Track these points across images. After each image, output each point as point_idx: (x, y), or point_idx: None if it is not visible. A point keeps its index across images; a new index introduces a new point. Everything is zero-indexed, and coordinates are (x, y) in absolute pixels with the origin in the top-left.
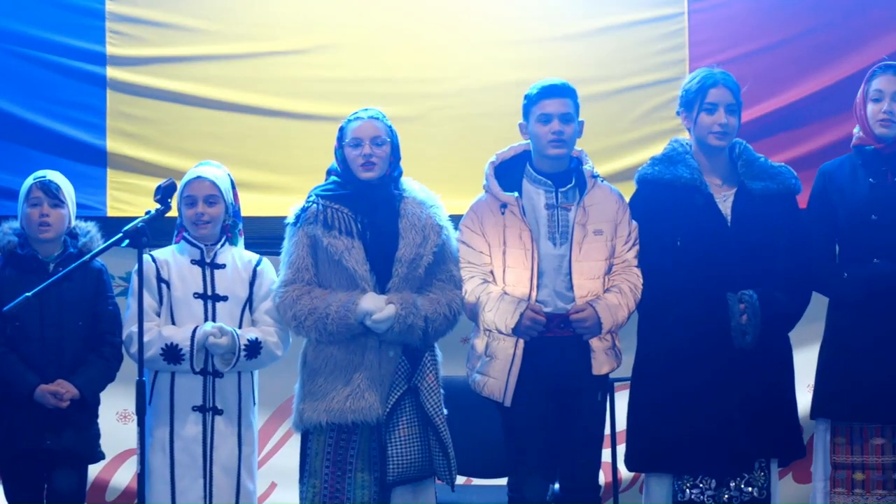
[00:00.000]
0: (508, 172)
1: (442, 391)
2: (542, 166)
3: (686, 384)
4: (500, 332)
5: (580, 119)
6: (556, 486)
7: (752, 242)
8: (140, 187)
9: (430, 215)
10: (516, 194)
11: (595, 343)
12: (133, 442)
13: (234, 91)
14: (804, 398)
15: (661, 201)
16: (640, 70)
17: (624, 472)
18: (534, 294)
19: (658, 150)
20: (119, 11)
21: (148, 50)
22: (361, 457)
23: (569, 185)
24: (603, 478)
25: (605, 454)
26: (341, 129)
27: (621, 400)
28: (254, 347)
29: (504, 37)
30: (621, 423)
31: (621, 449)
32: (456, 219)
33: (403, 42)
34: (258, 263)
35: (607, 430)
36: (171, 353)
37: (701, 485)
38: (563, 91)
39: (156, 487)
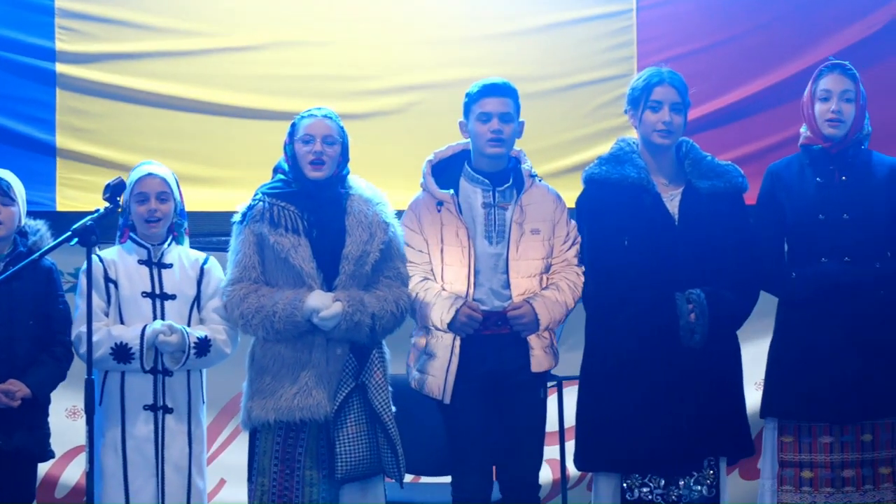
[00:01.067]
0: (447, 171)
1: (390, 388)
2: (480, 165)
3: (634, 383)
4: (438, 329)
5: (521, 119)
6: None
7: (699, 241)
8: (89, 183)
9: (376, 213)
10: (452, 192)
11: (533, 340)
12: (83, 439)
13: (184, 87)
14: (753, 396)
15: (609, 201)
16: (588, 67)
17: (572, 470)
18: (471, 292)
19: (605, 147)
20: (69, 7)
21: (98, 46)
22: (310, 455)
23: (506, 185)
24: (551, 475)
25: (555, 451)
26: (293, 125)
27: (571, 397)
28: (203, 345)
29: (452, 34)
30: (570, 420)
31: (570, 446)
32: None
33: (350, 39)
34: (205, 262)
35: (555, 428)
36: (121, 352)
37: (650, 483)
38: (503, 90)
39: (109, 488)
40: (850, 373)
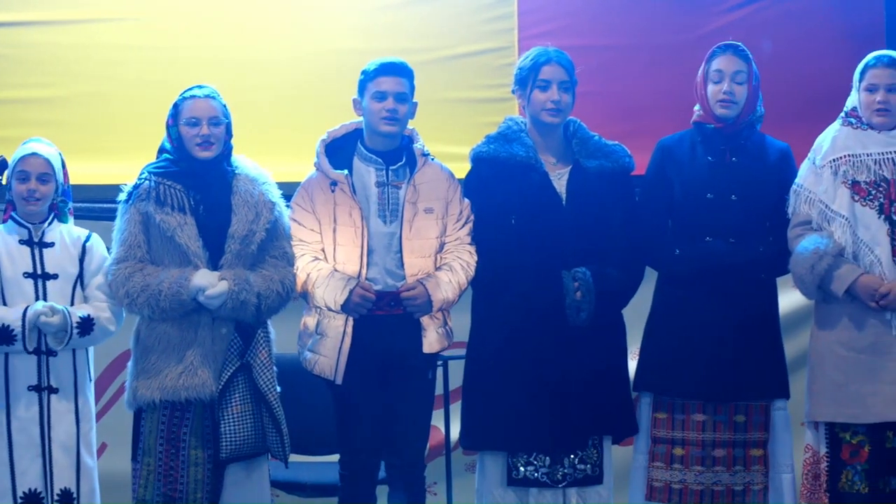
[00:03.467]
0: (340, 150)
1: (275, 368)
2: (373, 144)
3: (520, 362)
4: (330, 310)
5: (414, 100)
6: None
7: (586, 220)
8: None
9: (262, 192)
10: (346, 172)
11: (426, 321)
12: None
13: (63, 57)
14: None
15: (497, 179)
16: (469, 39)
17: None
18: (364, 272)
19: (487, 118)
20: None
21: None
22: (195, 434)
23: (399, 163)
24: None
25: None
26: (175, 106)
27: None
28: (86, 324)
29: (335, 4)
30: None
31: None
32: (292, 187)
33: (235, 9)
34: (87, 239)
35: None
36: (3, 334)
37: (535, 462)
38: (400, 70)
39: None
40: (725, 353)
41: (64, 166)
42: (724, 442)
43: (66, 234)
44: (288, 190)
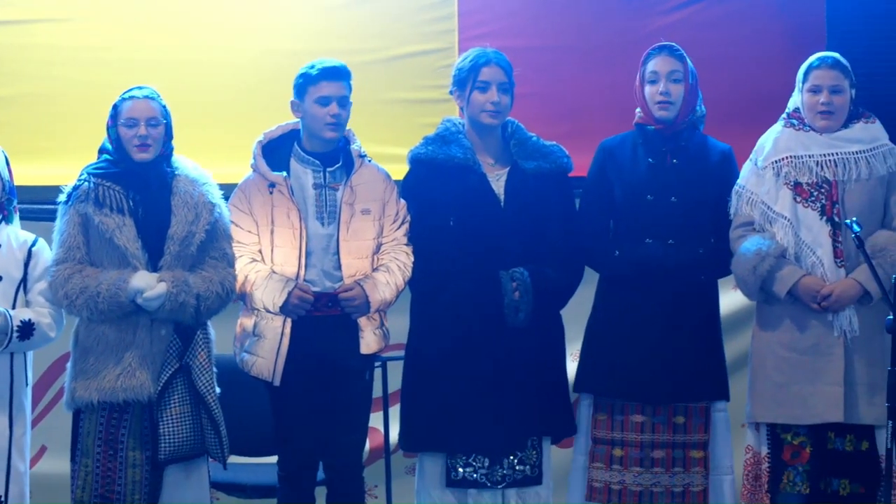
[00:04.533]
0: (276, 151)
1: (214, 370)
2: (311, 146)
3: (458, 363)
4: (269, 311)
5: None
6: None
7: (524, 221)
8: None
9: (202, 193)
10: (285, 174)
11: (363, 322)
12: None
13: (2, 58)
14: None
15: (435, 181)
16: (410, 40)
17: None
18: (302, 273)
19: (427, 119)
20: None
21: None
22: (133, 435)
23: (336, 165)
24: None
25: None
26: (115, 107)
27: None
28: (26, 328)
29: (275, 5)
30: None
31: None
32: (231, 188)
33: (177, 10)
34: (34, 244)
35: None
36: None
37: (474, 463)
38: (342, 74)
39: None
40: (664, 354)
41: (8, 164)
42: (663, 443)
43: (12, 237)
44: (227, 191)
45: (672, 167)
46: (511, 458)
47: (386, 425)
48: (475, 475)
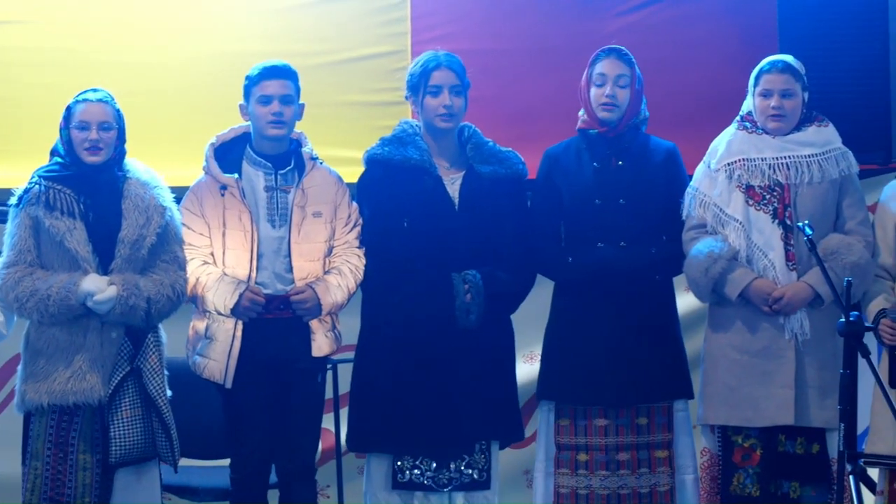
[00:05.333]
0: (229, 153)
1: (166, 372)
2: (261, 148)
3: (408, 364)
4: (220, 314)
5: (301, 102)
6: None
7: (478, 225)
8: None
9: (153, 196)
10: (236, 176)
11: (315, 325)
12: None
13: None
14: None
15: (390, 182)
16: (363, 42)
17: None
18: (253, 276)
19: (380, 122)
20: None
21: None
22: (84, 438)
23: (288, 167)
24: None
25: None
26: (68, 110)
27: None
28: None
29: (228, 7)
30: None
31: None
32: (184, 191)
33: (130, 12)
34: None
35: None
36: None
37: (421, 466)
38: (284, 73)
39: None
40: (623, 357)
41: None
42: (627, 445)
43: None
44: (179, 194)
45: (617, 170)
46: (458, 461)
47: (337, 427)
48: (422, 478)
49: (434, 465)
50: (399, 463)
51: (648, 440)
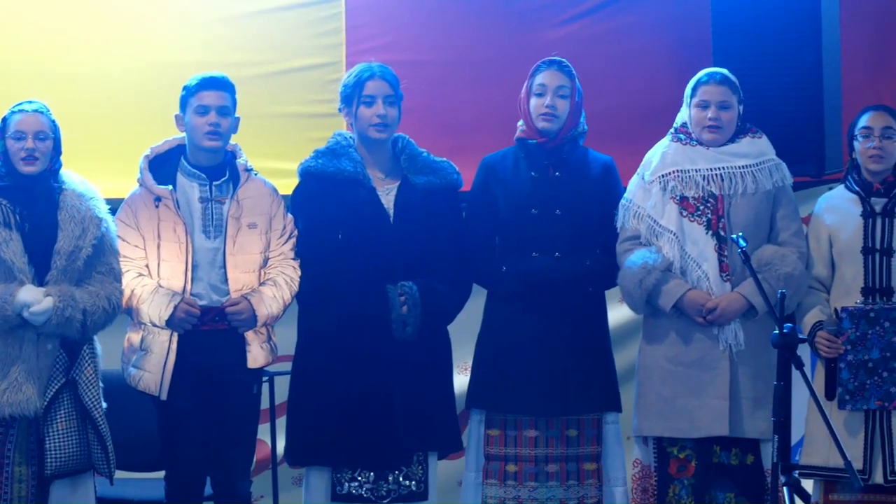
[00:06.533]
0: (164, 165)
1: (101, 384)
2: (196, 159)
3: (345, 376)
4: (155, 325)
5: (237, 115)
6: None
7: (413, 236)
8: None
9: (89, 207)
10: (171, 187)
11: (250, 336)
12: None
13: None
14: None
15: (324, 194)
16: (298, 54)
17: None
18: (189, 287)
19: (315, 134)
20: None
21: None
22: (19, 450)
23: (223, 179)
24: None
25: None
26: (4, 120)
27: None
28: None
29: (163, 18)
30: None
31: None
32: (119, 203)
33: (67, 22)
34: None
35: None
36: None
37: (359, 478)
38: (221, 84)
39: None
40: (554, 368)
41: None
42: (556, 457)
43: None
44: (115, 206)
45: (555, 180)
46: (396, 473)
47: (273, 437)
48: (360, 490)
49: (372, 476)
50: (337, 475)
51: (578, 452)
